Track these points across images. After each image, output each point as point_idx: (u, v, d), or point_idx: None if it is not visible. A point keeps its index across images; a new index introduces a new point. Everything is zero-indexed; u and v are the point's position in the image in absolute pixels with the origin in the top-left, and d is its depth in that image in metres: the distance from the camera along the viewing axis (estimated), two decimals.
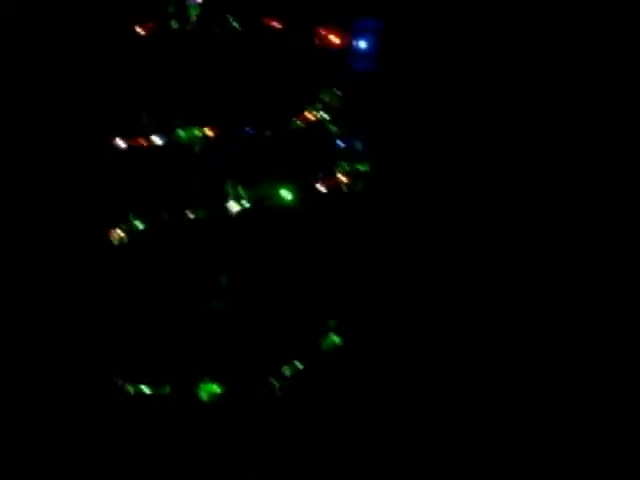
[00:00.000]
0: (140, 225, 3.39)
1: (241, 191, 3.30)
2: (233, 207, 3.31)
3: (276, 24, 3.28)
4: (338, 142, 3.46)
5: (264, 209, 3.32)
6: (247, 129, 3.26)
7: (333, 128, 3.42)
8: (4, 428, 3.47)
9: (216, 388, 3.36)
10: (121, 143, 3.35)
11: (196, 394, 3.37)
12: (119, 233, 3.42)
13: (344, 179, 3.44)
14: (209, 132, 3.30)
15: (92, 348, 3.50)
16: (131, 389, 3.44)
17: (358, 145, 3.49)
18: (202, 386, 3.37)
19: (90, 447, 3.46)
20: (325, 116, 3.40)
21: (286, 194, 3.33)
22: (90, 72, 3.41)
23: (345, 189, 3.43)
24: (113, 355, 3.45)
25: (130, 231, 3.42)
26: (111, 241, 3.44)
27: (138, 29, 3.29)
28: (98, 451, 3.45)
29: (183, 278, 3.39)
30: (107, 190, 3.46)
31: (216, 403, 3.36)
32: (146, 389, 3.42)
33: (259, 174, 3.33)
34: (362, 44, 3.52)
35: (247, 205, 3.32)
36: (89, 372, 3.51)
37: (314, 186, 3.38)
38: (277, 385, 3.35)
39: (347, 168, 3.44)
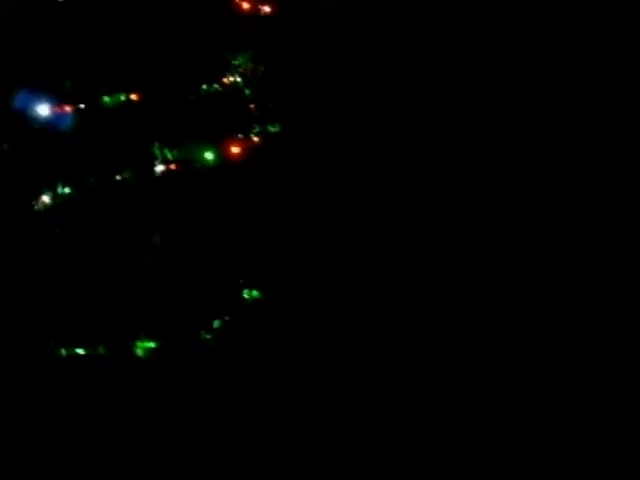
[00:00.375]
0: (67, 190, 3.47)
1: (167, 153, 3.43)
2: (159, 168, 3.44)
3: None
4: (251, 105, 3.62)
5: (188, 170, 3.46)
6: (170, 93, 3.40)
7: (247, 92, 3.59)
8: None
9: (151, 344, 3.48)
10: (45, 110, 3.42)
11: (132, 351, 3.47)
12: (44, 200, 3.49)
13: (256, 140, 3.60)
14: (133, 97, 3.41)
15: (23, 314, 3.54)
16: (64, 352, 3.51)
17: (270, 107, 3.65)
18: (138, 343, 3.48)
19: (29, 416, 3.50)
20: (239, 80, 3.56)
21: (208, 155, 3.48)
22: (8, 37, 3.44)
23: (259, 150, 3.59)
24: (45, 319, 3.51)
25: (57, 197, 3.50)
26: (39, 208, 3.52)
27: None
28: (38, 419, 3.49)
29: (113, 239, 3.49)
30: (32, 158, 3.51)
31: (152, 359, 3.48)
32: (80, 350, 3.50)
33: (182, 136, 3.47)
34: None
35: (173, 167, 3.45)
36: (21, 338, 3.55)
37: (232, 147, 3.54)
38: (208, 337, 3.49)
39: (259, 129, 3.61)
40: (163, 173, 3.45)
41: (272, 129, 3.62)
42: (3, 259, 3.59)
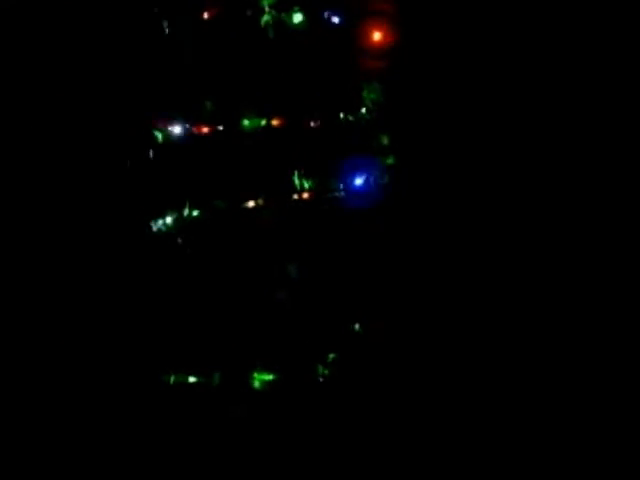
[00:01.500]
0: (195, 213, 3.39)
1: (305, 182, 3.38)
2: (295, 196, 3.39)
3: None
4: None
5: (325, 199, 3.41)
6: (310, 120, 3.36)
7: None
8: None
9: (268, 376, 3.39)
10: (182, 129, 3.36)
11: (249, 383, 3.38)
12: (168, 221, 3.42)
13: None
14: (275, 122, 3.36)
15: (139, 341, 3.44)
16: (178, 379, 3.41)
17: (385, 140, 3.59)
18: (256, 375, 3.39)
19: (138, 442, 3.40)
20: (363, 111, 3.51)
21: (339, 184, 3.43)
22: (151, 59, 3.39)
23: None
24: (161, 348, 3.42)
25: (181, 219, 3.42)
26: (159, 230, 3.43)
27: (205, 14, 3.33)
28: (146, 446, 3.39)
29: (238, 267, 3.42)
30: (159, 179, 3.44)
31: (268, 391, 3.39)
32: (192, 378, 3.40)
33: (319, 165, 3.42)
34: None
35: (306, 195, 3.40)
36: (137, 365, 3.45)
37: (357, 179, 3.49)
38: (322, 372, 3.42)
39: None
40: (298, 202, 3.39)
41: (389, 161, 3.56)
42: (123, 280, 3.50)
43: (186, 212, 3.41)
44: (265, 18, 3.28)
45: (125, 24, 3.45)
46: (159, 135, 3.44)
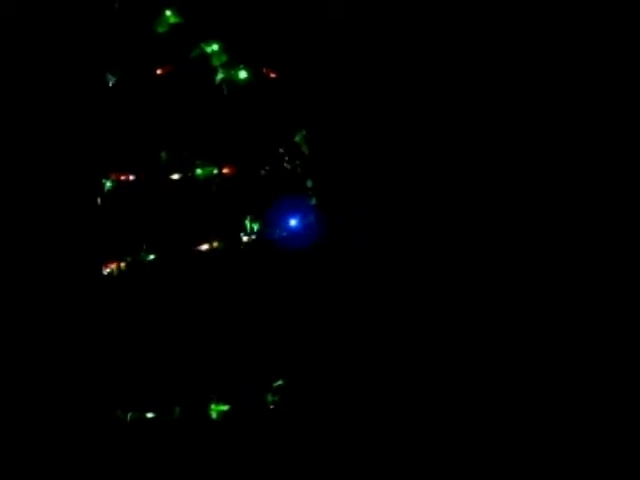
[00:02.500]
0: (151, 256, 3.61)
1: (254, 225, 3.66)
2: (244, 239, 3.67)
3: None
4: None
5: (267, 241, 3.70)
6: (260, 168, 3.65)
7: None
8: None
9: (224, 407, 3.64)
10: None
11: (207, 414, 3.62)
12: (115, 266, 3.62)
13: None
14: (225, 170, 3.64)
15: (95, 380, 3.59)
16: (130, 416, 3.59)
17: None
18: (213, 406, 3.63)
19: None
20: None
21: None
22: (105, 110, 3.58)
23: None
24: (117, 386, 3.59)
25: (137, 263, 3.62)
26: (111, 273, 3.62)
27: (158, 71, 3.57)
28: None
29: (191, 307, 3.65)
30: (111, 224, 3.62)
31: (224, 420, 3.63)
32: (149, 414, 3.60)
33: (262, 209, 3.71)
34: None
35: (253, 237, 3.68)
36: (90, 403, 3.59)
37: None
38: (271, 399, 3.69)
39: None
40: (247, 244, 3.66)
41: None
42: (74, 321, 3.64)
43: (143, 256, 3.61)
44: (219, 76, 3.55)
45: (81, 79, 3.62)
46: (108, 183, 3.63)
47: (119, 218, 3.65)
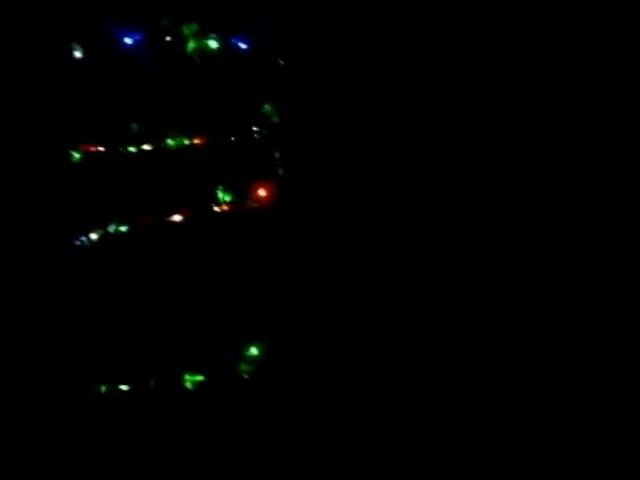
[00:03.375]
0: (122, 228, 3.59)
1: (226, 195, 3.67)
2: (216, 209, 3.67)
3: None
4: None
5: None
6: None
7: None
8: None
9: (199, 377, 3.65)
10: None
11: (182, 384, 3.62)
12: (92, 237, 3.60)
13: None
14: (197, 140, 3.63)
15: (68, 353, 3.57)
16: (104, 389, 3.59)
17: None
18: (187, 377, 3.64)
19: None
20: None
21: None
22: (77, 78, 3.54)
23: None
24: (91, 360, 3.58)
25: (108, 234, 3.61)
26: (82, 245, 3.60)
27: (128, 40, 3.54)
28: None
29: (162, 279, 3.65)
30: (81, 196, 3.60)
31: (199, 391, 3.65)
32: (124, 387, 3.59)
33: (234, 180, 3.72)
34: None
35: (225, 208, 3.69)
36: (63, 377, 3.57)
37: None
38: (245, 369, 3.71)
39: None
40: (220, 214, 3.67)
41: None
42: (47, 296, 3.61)
43: (112, 228, 3.59)
44: (191, 45, 3.54)
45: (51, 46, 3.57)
46: (76, 155, 3.60)
47: (88, 190, 3.62)
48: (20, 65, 3.62)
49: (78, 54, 3.60)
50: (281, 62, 3.73)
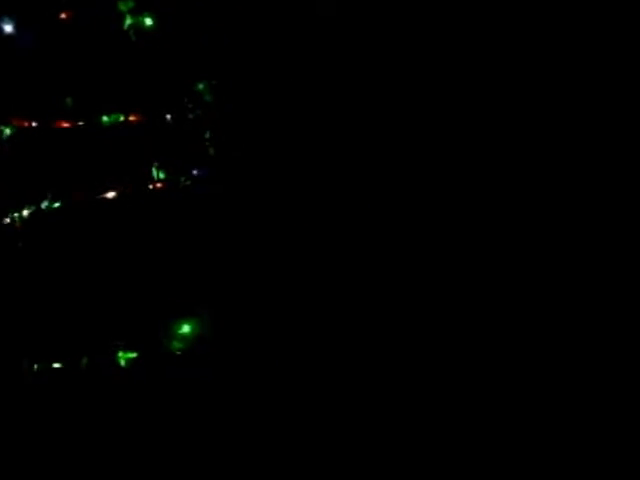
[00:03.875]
0: (56, 204, 3.57)
1: (160, 173, 3.68)
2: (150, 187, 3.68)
3: None
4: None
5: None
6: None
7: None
8: None
9: (132, 354, 3.66)
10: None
11: (116, 362, 3.63)
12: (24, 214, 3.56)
13: None
14: (132, 117, 3.63)
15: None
16: (36, 367, 3.56)
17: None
18: (121, 354, 3.64)
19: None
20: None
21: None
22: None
23: None
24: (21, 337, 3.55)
25: (40, 211, 3.58)
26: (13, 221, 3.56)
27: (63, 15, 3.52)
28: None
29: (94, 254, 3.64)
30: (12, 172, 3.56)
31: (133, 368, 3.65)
32: (57, 365, 3.58)
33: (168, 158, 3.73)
34: None
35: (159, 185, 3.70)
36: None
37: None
38: (177, 346, 3.73)
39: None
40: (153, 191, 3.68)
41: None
42: None
43: (45, 204, 3.56)
44: (128, 21, 3.53)
45: None
46: (6, 130, 3.55)
47: (20, 166, 3.57)
48: None
49: (10, 27, 3.55)
50: (215, 40, 3.75)
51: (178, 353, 3.69)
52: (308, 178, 3.90)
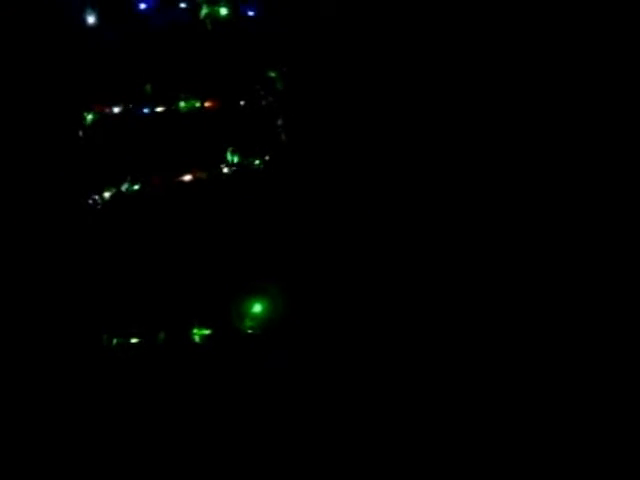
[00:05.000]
0: (135, 187, 3.73)
1: (235, 157, 3.82)
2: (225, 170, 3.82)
3: None
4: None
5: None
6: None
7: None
8: None
9: (206, 331, 3.80)
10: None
11: (191, 338, 3.77)
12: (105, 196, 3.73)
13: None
14: (208, 104, 3.78)
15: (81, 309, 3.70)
16: (115, 341, 3.73)
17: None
18: (196, 330, 3.79)
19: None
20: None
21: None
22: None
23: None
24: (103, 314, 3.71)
25: (120, 193, 3.74)
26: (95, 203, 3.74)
27: (142, 5, 3.68)
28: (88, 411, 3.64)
29: (174, 237, 3.79)
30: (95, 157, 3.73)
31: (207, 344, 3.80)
32: (134, 340, 3.74)
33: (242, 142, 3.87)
34: None
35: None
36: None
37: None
38: (249, 325, 3.86)
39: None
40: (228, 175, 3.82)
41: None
42: (61, 251, 3.73)
43: (125, 186, 3.73)
44: (204, 11, 3.68)
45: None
46: (89, 116, 3.72)
47: (102, 151, 3.74)
48: (35, 28, 3.74)
49: (93, 18, 3.72)
50: (287, 30, 3.88)
51: (250, 332, 3.83)
52: (373, 164, 4.01)
